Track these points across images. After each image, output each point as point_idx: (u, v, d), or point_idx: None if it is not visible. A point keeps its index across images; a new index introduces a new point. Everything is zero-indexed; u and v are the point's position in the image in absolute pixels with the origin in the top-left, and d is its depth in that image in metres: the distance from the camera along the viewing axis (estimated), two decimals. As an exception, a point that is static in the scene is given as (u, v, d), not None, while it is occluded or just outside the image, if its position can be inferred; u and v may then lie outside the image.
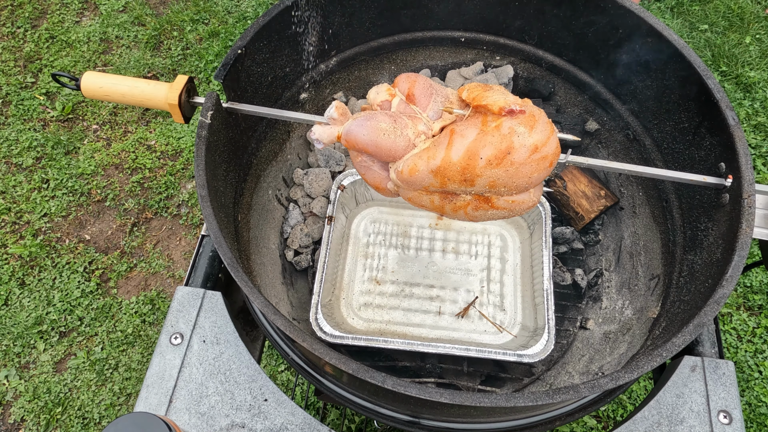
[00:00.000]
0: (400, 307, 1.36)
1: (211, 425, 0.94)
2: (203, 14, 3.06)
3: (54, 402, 2.08)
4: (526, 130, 0.84)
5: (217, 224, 0.92)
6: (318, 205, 1.45)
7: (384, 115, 0.89)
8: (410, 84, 0.91)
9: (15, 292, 2.29)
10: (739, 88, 2.81)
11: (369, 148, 0.89)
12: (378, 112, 0.89)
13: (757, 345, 2.16)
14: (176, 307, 1.04)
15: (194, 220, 2.50)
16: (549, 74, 1.49)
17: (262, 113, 1.02)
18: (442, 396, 0.79)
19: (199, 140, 0.99)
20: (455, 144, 0.85)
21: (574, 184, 1.46)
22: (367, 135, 0.87)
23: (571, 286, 1.42)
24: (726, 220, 1.03)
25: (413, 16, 1.43)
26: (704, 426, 0.96)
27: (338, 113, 0.91)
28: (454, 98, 0.92)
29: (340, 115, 0.91)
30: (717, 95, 1.07)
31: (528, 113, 0.85)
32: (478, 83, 0.90)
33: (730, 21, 3.04)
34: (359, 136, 0.88)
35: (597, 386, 0.81)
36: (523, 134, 0.84)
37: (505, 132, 0.84)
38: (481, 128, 0.84)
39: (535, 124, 0.84)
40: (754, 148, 2.63)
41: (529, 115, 0.85)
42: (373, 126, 0.87)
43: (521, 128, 0.84)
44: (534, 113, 0.86)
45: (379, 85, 0.93)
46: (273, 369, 2.14)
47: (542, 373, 1.33)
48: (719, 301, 0.89)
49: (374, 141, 0.87)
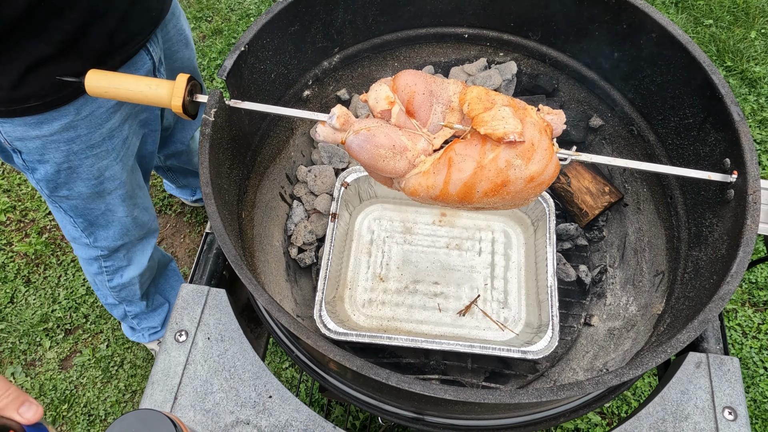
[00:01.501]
0: (404, 304, 1.36)
1: (216, 422, 0.94)
2: (206, 12, 3.06)
3: (60, 399, 2.09)
4: (523, 163, 0.86)
5: (221, 222, 0.92)
6: (322, 203, 1.45)
7: (383, 135, 0.88)
8: (409, 96, 0.89)
9: (21, 289, 2.30)
10: (744, 84, 2.79)
11: (369, 169, 0.92)
12: (377, 129, 0.89)
13: (762, 341, 2.16)
14: (181, 305, 1.04)
15: (198, 217, 2.50)
16: (553, 70, 1.49)
17: (266, 110, 1.02)
18: (447, 392, 0.79)
19: (202, 138, 0.99)
20: (453, 177, 0.87)
21: (578, 180, 1.45)
22: (366, 159, 0.89)
23: (575, 282, 1.42)
24: (731, 216, 1.02)
25: (416, 13, 1.43)
26: (709, 422, 0.96)
27: (340, 123, 0.90)
28: (455, 101, 0.90)
29: (342, 125, 0.91)
30: (722, 90, 1.07)
31: (527, 143, 0.85)
32: (479, 94, 0.87)
33: (735, 16, 3.02)
34: (359, 157, 0.90)
35: (601, 383, 0.81)
36: (520, 167, 0.86)
37: (501, 165, 0.86)
38: (479, 161, 0.86)
39: (533, 155, 0.86)
40: (759, 143, 2.62)
41: (528, 145, 0.85)
42: (372, 152, 0.88)
43: (518, 161, 0.85)
44: (534, 141, 0.85)
45: (379, 88, 0.90)
46: (277, 366, 2.15)
47: (546, 370, 1.33)
48: (724, 298, 0.89)
49: (374, 165, 0.89)
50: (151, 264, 1.73)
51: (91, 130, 1.23)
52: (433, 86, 0.90)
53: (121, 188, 1.41)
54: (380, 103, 0.89)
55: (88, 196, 1.37)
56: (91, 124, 1.22)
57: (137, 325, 1.95)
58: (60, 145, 1.22)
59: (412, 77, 0.90)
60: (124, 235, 1.54)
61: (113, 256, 1.59)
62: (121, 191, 1.42)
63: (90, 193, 1.37)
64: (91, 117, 1.21)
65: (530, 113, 0.88)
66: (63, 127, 1.19)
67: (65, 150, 1.24)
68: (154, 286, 1.90)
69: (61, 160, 1.25)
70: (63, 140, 1.21)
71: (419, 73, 0.91)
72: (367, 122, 0.90)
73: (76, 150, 1.25)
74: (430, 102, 0.89)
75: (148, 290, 1.87)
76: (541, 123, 0.88)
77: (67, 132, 1.20)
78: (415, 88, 0.89)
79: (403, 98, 0.89)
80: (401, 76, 0.90)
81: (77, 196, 1.36)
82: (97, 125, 1.24)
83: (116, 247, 1.56)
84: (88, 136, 1.24)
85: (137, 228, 1.56)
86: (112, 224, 1.49)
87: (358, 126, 0.90)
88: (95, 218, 1.45)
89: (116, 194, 1.41)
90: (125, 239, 1.55)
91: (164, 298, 1.98)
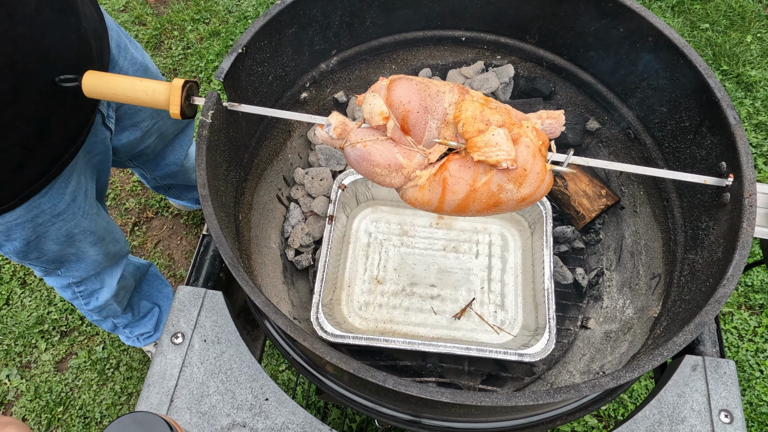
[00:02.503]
0: (401, 307, 1.36)
1: (212, 424, 0.94)
2: (204, 14, 3.06)
3: (55, 401, 2.08)
4: (515, 187, 0.87)
5: (218, 224, 0.92)
6: (319, 205, 1.45)
7: (379, 154, 0.89)
8: (403, 114, 0.88)
9: (16, 291, 2.29)
10: (740, 87, 2.80)
11: (368, 179, 0.95)
12: (373, 146, 0.89)
13: (759, 344, 2.16)
14: (177, 307, 1.04)
15: (195, 219, 2.50)
16: (550, 73, 1.49)
17: (263, 113, 1.01)
18: (443, 395, 0.79)
19: (200, 140, 0.99)
20: (447, 198, 0.91)
21: (574, 183, 1.46)
22: (363, 172, 0.91)
23: (572, 285, 1.42)
24: (727, 219, 1.03)
25: (413, 16, 1.43)
26: (705, 425, 0.96)
27: (336, 134, 0.90)
28: (451, 113, 0.89)
29: (338, 135, 0.91)
30: (718, 94, 1.07)
31: (520, 168, 0.86)
32: (473, 113, 0.86)
33: (731, 20, 3.04)
34: (356, 169, 0.92)
35: (598, 385, 0.81)
36: (512, 191, 0.88)
37: (494, 189, 0.88)
38: (472, 185, 0.88)
39: (525, 179, 0.87)
40: (755, 147, 2.63)
41: (521, 170, 0.86)
42: (368, 168, 0.90)
43: (510, 185, 0.87)
44: (526, 166, 0.86)
45: (373, 102, 0.88)
46: (274, 368, 2.14)
47: (543, 373, 1.33)
48: (720, 301, 0.89)
49: (370, 178, 0.92)
50: (125, 283, 1.70)
51: (54, 202, 1.21)
52: (428, 101, 0.88)
53: (91, 236, 1.39)
54: (375, 118, 0.88)
55: (58, 251, 1.36)
56: (53, 197, 1.20)
57: (130, 333, 1.94)
58: (25, 224, 1.20)
59: (406, 92, 0.87)
60: (95, 267, 1.52)
61: (85, 282, 1.57)
62: (91, 238, 1.40)
63: (60, 248, 1.35)
64: (51, 192, 1.19)
65: (526, 132, 0.87)
66: (26, 209, 1.17)
67: (30, 226, 1.21)
68: (138, 294, 1.87)
69: (28, 234, 1.23)
70: (27, 219, 1.19)
71: (413, 86, 0.88)
72: (364, 134, 0.90)
73: (42, 221, 1.23)
74: (425, 120, 0.88)
75: (131, 301, 1.84)
76: (535, 144, 0.88)
77: (31, 212, 1.18)
78: (409, 106, 0.87)
79: (398, 115, 0.88)
80: (395, 89, 0.88)
81: (48, 253, 1.35)
82: (59, 196, 1.21)
83: (87, 276, 1.55)
84: (52, 208, 1.22)
85: (109, 259, 1.55)
86: (84, 261, 1.47)
87: (354, 138, 0.90)
88: (66, 259, 1.43)
89: (87, 241, 1.40)
90: (97, 269, 1.54)
91: (152, 303, 1.96)
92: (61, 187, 1.21)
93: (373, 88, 0.90)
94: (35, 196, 1.16)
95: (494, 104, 0.89)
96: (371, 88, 0.90)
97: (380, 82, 0.90)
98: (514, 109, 0.91)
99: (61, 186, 1.21)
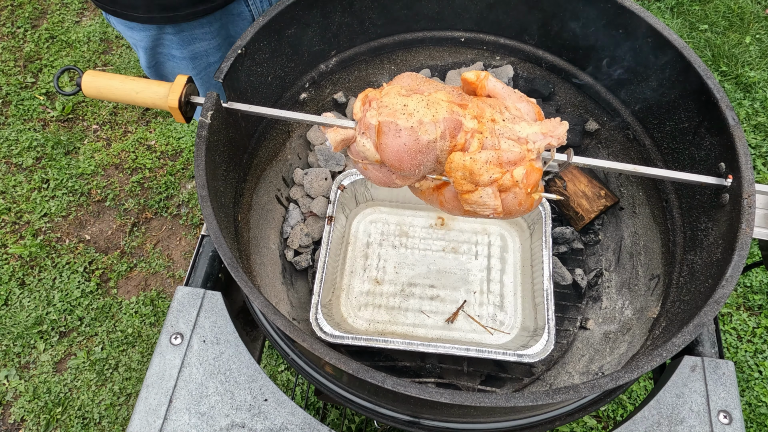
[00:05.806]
0: (400, 307, 1.36)
1: (211, 425, 0.94)
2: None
3: (54, 402, 2.08)
4: (500, 216, 0.97)
5: (217, 224, 0.92)
6: (318, 205, 1.45)
7: (376, 178, 0.97)
8: (396, 168, 0.92)
9: (15, 292, 2.29)
10: (739, 88, 2.81)
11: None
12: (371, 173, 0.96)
13: (757, 345, 2.16)
14: (176, 307, 1.04)
15: (194, 220, 2.50)
16: (549, 74, 1.49)
17: (263, 113, 1.01)
18: (442, 396, 0.79)
19: (199, 140, 0.99)
20: (445, 207, 1.00)
21: (574, 184, 1.46)
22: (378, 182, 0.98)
23: (571, 286, 1.42)
24: (726, 220, 1.03)
25: (413, 16, 1.43)
26: (704, 426, 0.96)
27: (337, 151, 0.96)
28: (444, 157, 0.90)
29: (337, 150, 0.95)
30: (717, 95, 1.07)
31: (505, 212, 0.94)
32: (463, 174, 0.88)
33: (730, 21, 3.04)
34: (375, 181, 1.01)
35: (597, 386, 0.81)
36: (498, 217, 0.99)
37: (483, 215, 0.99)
38: (464, 209, 0.98)
39: (510, 215, 0.96)
40: (754, 148, 2.63)
41: (506, 212, 0.95)
42: (383, 180, 0.97)
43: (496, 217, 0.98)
44: (512, 209, 0.95)
45: (364, 149, 0.91)
46: (273, 369, 2.14)
47: (542, 373, 1.33)
48: (719, 301, 0.89)
49: (387, 185, 1.00)
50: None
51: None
52: (419, 158, 0.89)
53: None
54: (369, 159, 0.93)
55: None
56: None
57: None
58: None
59: (396, 153, 0.89)
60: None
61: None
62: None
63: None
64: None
65: (515, 184, 0.89)
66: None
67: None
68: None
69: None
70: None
71: (402, 146, 0.88)
72: (364, 154, 0.93)
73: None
74: (419, 169, 0.92)
75: None
76: (525, 191, 0.91)
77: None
78: (401, 165, 0.90)
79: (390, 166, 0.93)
80: (383, 150, 0.89)
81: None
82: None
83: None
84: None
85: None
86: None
87: (356, 157, 0.95)
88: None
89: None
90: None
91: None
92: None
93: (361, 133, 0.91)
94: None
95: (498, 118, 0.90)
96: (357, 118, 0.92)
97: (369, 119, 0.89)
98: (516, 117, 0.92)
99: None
